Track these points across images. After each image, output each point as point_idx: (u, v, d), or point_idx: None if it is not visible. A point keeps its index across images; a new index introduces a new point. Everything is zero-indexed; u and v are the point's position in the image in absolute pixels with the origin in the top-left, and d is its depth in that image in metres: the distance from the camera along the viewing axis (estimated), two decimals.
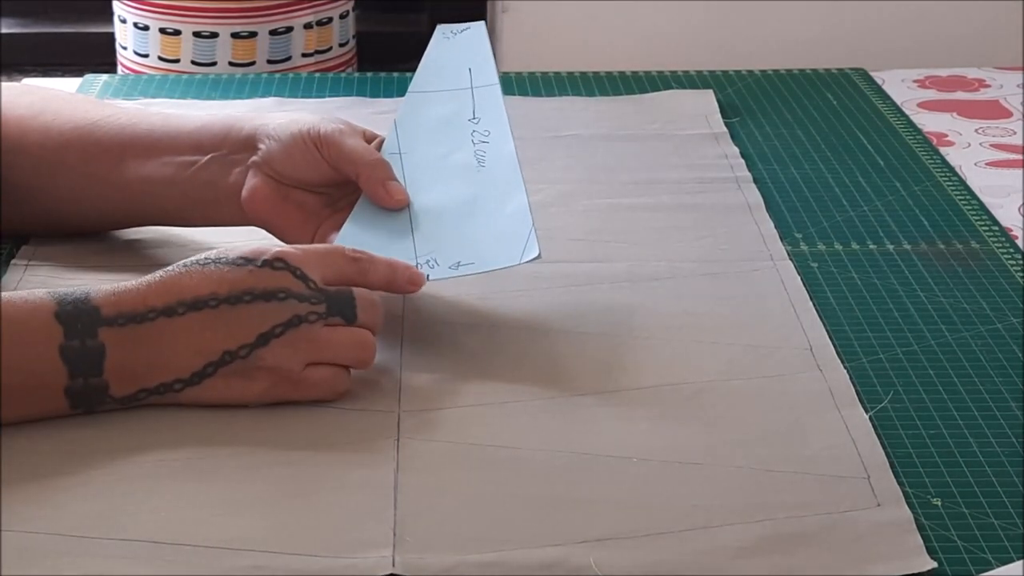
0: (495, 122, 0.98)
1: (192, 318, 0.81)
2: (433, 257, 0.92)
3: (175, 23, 2.13)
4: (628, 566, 0.71)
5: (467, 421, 0.83)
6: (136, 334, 0.80)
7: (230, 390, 0.82)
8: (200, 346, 0.81)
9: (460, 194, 0.95)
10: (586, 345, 0.92)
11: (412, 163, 0.98)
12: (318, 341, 0.82)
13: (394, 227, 0.95)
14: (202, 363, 0.81)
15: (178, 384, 0.81)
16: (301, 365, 0.82)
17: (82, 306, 0.80)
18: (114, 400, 0.81)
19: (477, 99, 0.99)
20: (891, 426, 0.83)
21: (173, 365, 0.81)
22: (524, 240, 0.90)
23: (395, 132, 1.00)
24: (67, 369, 0.79)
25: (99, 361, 0.80)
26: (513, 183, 0.94)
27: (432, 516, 0.74)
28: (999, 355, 0.91)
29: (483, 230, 0.93)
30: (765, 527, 0.74)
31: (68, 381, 0.80)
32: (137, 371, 0.81)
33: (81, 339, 0.79)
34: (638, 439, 0.81)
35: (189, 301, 0.81)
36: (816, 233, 1.09)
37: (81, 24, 2.69)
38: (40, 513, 0.74)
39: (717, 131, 1.28)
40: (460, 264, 0.91)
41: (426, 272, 0.90)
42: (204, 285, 0.81)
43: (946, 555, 0.72)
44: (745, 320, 0.95)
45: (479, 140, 0.97)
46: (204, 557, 0.71)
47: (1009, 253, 1.05)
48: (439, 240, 0.93)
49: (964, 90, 1.43)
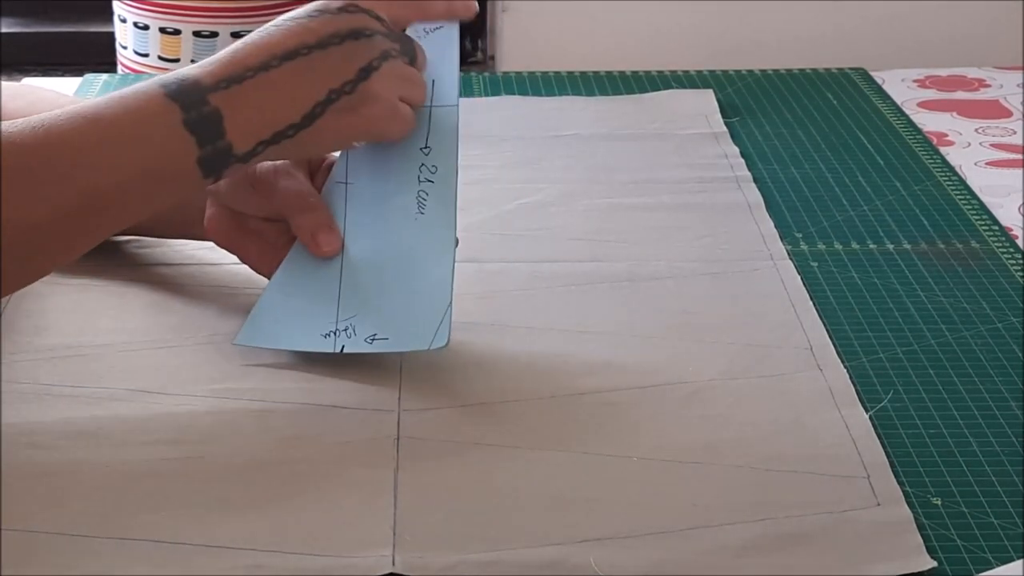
0: (445, 155, 0.90)
1: (288, 67, 0.83)
2: (352, 325, 0.88)
3: (175, 23, 2.13)
4: (628, 566, 0.71)
5: (467, 421, 0.83)
6: (241, 92, 0.82)
7: (341, 128, 0.85)
8: (304, 90, 0.84)
9: (394, 247, 0.89)
10: (586, 345, 0.92)
11: (356, 196, 0.91)
12: (405, 76, 0.87)
13: (325, 276, 0.90)
14: (310, 104, 0.84)
15: (291, 130, 0.83)
16: (396, 97, 0.86)
17: (184, 84, 0.82)
18: (237, 158, 0.83)
19: (433, 122, 0.91)
20: (891, 426, 0.83)
21: (283, 112, 0.83)
22: (436, 323, 0.86)
23: (345, 156, 0.92)
24: (195, 139, 0.81)
25: (219, 124, 0.82)
26: (444, 242, 0.88)
27: (432, 516, 0.74)
28: (999, 355, 0.91)
29: (403, 300, 0.88)
30: (765, 526, 0.74)
31: (199, 151, 0.81)
32: (252, 126, 0.83)
33: (197, 109, 0.81)
34: (638, 439, 0.81)
35: (281, 54, 0.84)
36: (816, 233, 1.09)
37: (81, 24, 2.69)
38: (40, 513, 0.74)
39: (717, 131, 1.28)
40: (375, 338, 0.87)
41: (342, 343, 0.87)
42: (291, 38, 0.84)
43: (946, 555, 0.72)
44: (745, 320, 0.95)
45: (425, 178, 0.90)
46: (204, 557, 0.71)
47: (1009, 253, 1.05)
48: (362, 303, 0.88)
49: (964, 90, 1.43)
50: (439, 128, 0.90)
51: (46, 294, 0.96)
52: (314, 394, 0.85)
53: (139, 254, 1.02)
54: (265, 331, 0.89)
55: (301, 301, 0.89)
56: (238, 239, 0.93)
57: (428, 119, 0.90)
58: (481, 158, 1.21)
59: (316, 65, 0.84)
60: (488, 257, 1.03)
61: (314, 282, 0.90)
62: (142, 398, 0.85)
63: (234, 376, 0.87)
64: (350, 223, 0.91)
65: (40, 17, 2.74)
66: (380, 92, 0.85)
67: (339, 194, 0.91)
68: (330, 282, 0.89)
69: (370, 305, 0.88)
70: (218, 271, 0.97)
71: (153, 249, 1.03)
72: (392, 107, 0.87)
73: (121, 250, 1.03)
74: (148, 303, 0.96)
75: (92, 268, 1.00)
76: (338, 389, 0.85)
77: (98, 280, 0.99)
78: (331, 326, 0.88)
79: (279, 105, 0.83)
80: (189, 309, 0.95)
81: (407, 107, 0.88)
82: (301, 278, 0.90)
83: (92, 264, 1.00)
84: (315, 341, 0.87)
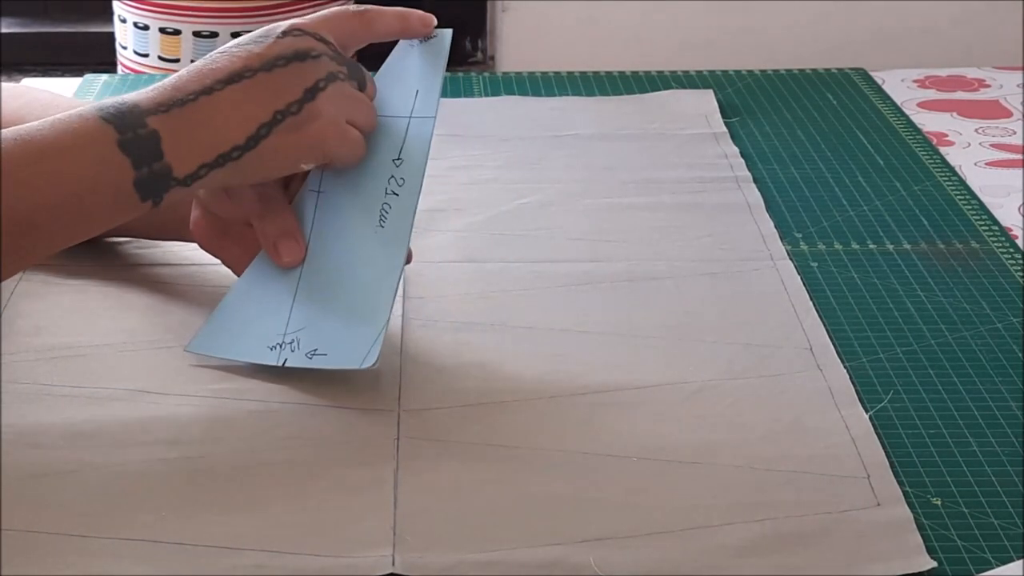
0: (413, 169, 0.88)
1: (233, 90, 0.83)
2: (298, 338, 0.87)
3: (175, 23, 2.13)
4: (628, 566, 0.71)
5: (467, 421, 0.83)
6: (183, 115, 0.82)
7: (287, 148, 0.84)
8: (249, 111, 0.83)
9: (350, 260, 0.88)
10: (586, 345, 0.92)
11: (325, 206, 0.90)
12: (352, 98, 0.87)
13: (282, 286, 0.89)
14: (255, 125, 0.83)
15: (236, 151, 0.83)
16: (343, 118, 0.86)
17: (123, 107, 0.82)
18: (178, 181, 0.82)
19: (410, 134, 0.89)
20: (891, 426, 0.83)
21: (227, 134, 0.83)
22: (370, 342, 0.85)
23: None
24: (130, 160, 0.80)
25: (156, 145, 0.81)
26: (394, 260, 0.87)
27: (432, 516, 0.74)
28: (999, 355, 0.91)
29: (344, 316, 0.87)
30: (765, 526, 0.74)
31: (134, 172, 0.81)
32: (193, 149, 0.82)
33: (133, 131, 0.81)
34: (638, 439, 0.81)
35: (224, 78, 0.83)
36: (816, 233, 1.09)
37: (81, 24, 2.70)
38: (40, 513, 0.74)
39: (717, 131, 1.28)
40: (315, 353, 0.86)
41: (285, 356, 0.86)
42: (235, 62, 0.84)
43: (946, 555, 0.72)
44: (745, 320, 0.95)
45: (391, 190, 0.88)
46: (204, 557, 0.71)
47: (1009, 253, 1.05)
48: (311, 316, 0.87)
49: (964, 90, 1.43)
50: (414, 140, 0.89)
51: (46, 294, 0.96)
52: (314, 394, 0.85)
53: (139, 254, 1.02)
54: (216, 339, 0.89)
55: (255, 309, 0.89)
56: (220, 242, 0.93)
57: (405, 130, 0.89)
58: (481, 158, 1.21)
59: (261, 87, 0.83)
60: (488, 257, 1.03)
61: (270, 291, 0.89)
62: (142, 398, 0.85)
63: (234, 376, 0.87)
64: (315, 233, 0.90)
65: (40, 17, 2.74)
66: (326, 111, 0.85)
67: (310, 203, 0.90)
68: (286, 292, 0.89)
69: (317, 319, 0.87)
70: (218, 271, 0.97)
71: (153, 249, 1.03)
72: (339, 128, 0.86)
73: (121, 250, 1.03)
74: (148, 303, 0.96)
75: (92, 268, 1.00)
76: (338, 389, 0.85)
77: (98, 280, 0.99)
78: (278, 338, 0.87)
79: (222, 127, 0.83)
80: (189, 309, 0.95)
81: (355, 131, 0.87)
82: (259, 286, 0.90)
83: (92, 264, 1.00)
84: (261, 353, 0.87)
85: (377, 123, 0.89)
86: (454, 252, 1.04)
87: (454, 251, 1.04)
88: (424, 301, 0.96)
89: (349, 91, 0.86)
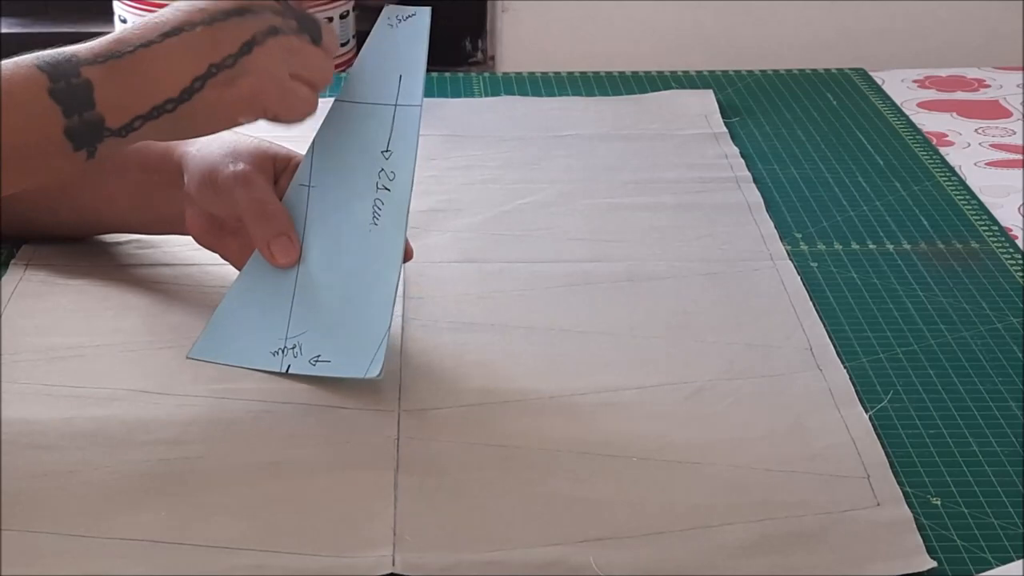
0: (403, 161, 0.86)
1: (171, 43, 0.82)
2: (300, 343, 0.87)
3: None
4: (628, 566, 0.71)
5: (467, 421, 0.83)
6: (119, 66, 0.82)
7: (222, 102, 0.83)
8: (184, 64, 0.82)
9: (346, 260, 0.87)
10: (586, 345, 0.92)
11: (317, 200, 0.89)
12: (298, 52, 0.85)
13: (280, 287, 0.88)
14: (189, 78, 0.82)
15: (169, 104, 0.82)
16: (284, 73, 0.84)
17: (60, 56, 0.82)
18: (111, 132, 0.82)
19: (397, 123, 0.86)
20: (891, 426, 0.83)
21: (161, 86, 0.82)
22: (373, 351, 0.84)
23: (310, 157, 0.89)
24: (60, 108, 0.80)
25: (88, 95, 0.81)
26: (391, 259, 0.86)
27: (432, 516, 0.74)
28: (999, 355, 0.91)
29: (347, 321, 0.86)
30: (765, 526, 0.74)
31: (65, 120, 0.80)
32: (127, 100, 0.82)
33: (66, 80, 0.80)
34: (638, 439, 0.81)
35: (166, 31, 0.83)
36: (816, 233, 1.09)
37: (81, 24, 2.69)
38: (40, 513, 0.74)
39: (717, 131, 1.28)
40: (319, 360, 0.86)
41: (288, 363, 0.86)
42: (179, 17, 0.83)
43: (946, 555, 0.72)
44: (745, 320, 0.95)
45: (383, 185, 0.86)
46: (204, 557, 0.71)
47: (1009, 253, 1.05)
48: (312, 320, 0.87)
49: (964, 90, 1.43)
50: (401, 130, 0.86)
51: (46, 294, 0.96)
52: (314, 394, 0.85)
53: (139, 254, 1.02)
54: (217, 345, 0.89)
55: (254, 313, 0.89)
56: (217, 238, 0.93)
57: (392, 119, 0.87)
58: (481, 158, 1.21)
59: (199, 40, 0.83)
60: (488, 257, 1.03)
61: (269, 293, 0.89)
62: (142, 398, 0.85)
63: (234, 376, 0.87)
64: (309, 229, 0.89)
65: (40, 17, 2.74)
66: (264, 66, 0.83)
67: (301, 197, 0.89)
68: (284, 294, 0.88)
69: (319, 322, 0.87)
70: (218, 271, 0.97)
71: (153, 249, 1.03)
72: (279, 83, 0.84)
73: (121, 250, 1.03)
74: (148, 303, 0.96)
75: (92, 268, 1.00)
76: (338, 389, 0.85)
77: (98, 280, 0.99)
78: (280, 343, 0.87)
79: (157, 79, 0.82)
80: (189, 309, 0.95)
81: (303, 87, 0.85)
82: (257, 288, 0.89)
83: (92, 264, 1.00)
84: (264, 359, 0.87)
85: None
86: (454, 252, 1.04)
87: (454, 251, 1.04)
88: (424, 301, 0.96)
89: (295, 44, 0.85)
